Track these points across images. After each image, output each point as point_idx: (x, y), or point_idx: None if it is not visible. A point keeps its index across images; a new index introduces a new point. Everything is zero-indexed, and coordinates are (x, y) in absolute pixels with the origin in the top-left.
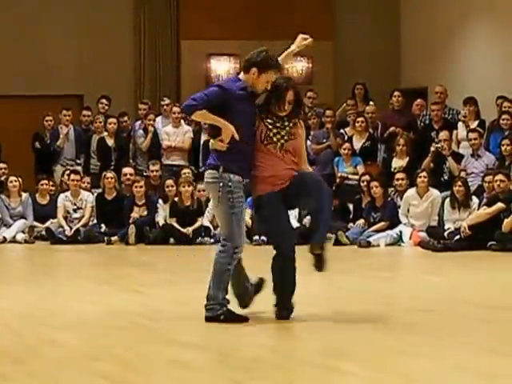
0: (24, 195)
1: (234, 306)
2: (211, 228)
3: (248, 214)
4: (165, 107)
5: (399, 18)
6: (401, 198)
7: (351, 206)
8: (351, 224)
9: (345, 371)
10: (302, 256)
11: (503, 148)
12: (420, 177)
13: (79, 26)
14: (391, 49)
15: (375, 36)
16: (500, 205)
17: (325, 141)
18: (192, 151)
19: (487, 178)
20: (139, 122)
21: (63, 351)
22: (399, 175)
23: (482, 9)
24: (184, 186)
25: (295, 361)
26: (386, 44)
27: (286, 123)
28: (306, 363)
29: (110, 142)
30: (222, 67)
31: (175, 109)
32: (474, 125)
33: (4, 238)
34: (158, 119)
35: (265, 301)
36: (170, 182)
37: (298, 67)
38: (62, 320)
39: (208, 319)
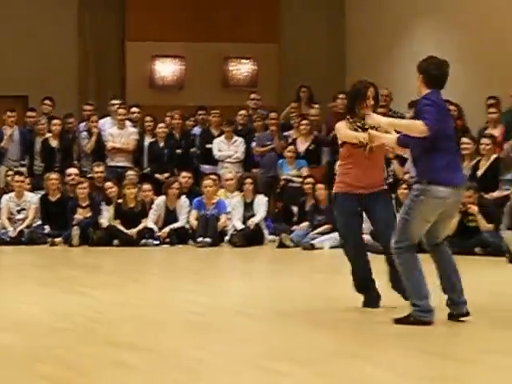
0: None
1: None
2: (155, 229)
3: (193, 215)
4: (112, 108)
5: (344, 21)
6: None
7: (295, 209)
8: (295, 226)
9: (286, 373)
10: (247, 258)
11: None
12: None
13: (23, 27)
14: (336, 52)
15: (320, 39)
16: None
17: (269, 143)
18: (136, 153)
19: None
20: (84, 123)
21: (4, 352)
22: None
23: (427, 11)
24: (128, 188)
25: (237, 363)
26: (331, 47)
27: (368, 127)
28: (249, 365)
29: (54, 143)
30: (167, 69)
31: (120, 110)
32: None
33: None
34: (104, 120)
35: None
36: (109, 184)
37: (242, 69)
38: (4, 321)
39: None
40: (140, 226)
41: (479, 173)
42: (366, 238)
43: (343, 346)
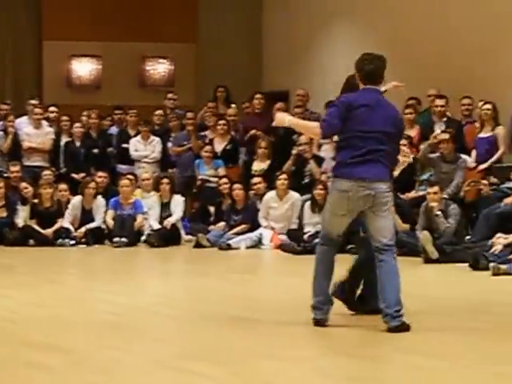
0: None
1: None
2: (71, 229)
3: (110, 215)
4: (29, 108)
5: (261, 21)
6: (261, 201)
7: (212, 209)
8: (212, 226)
9: (201, 373)
10: (164, 258)
11: None
12: (280, 179)
13: None
14: (253, 52)
15: (238, 39)
16: None
17: (186, 143)
18: (52, 152)
19: None
20: (0, 122)
21: None
22: (256, 179)
23: (342, 12)
24: (45, 188)
25: (153, 363)
26: (249, 47)
27: None
28: (164, 365)
29: None
30: (84, 68)
31: (36, 110)
32: None
33: None
34: (20, 120)
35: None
36: (23, 184)
37: (159, 69)
38: None
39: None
40: (56, 226)
41: (395, 173)
42: (282, 237)
43: (259, 347)
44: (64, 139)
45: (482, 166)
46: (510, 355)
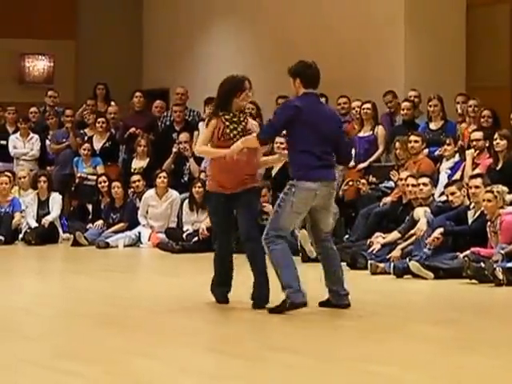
0: None
1: None
2: None
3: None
4: None
5: (142, 19)
6: (140, 199)
7: (90, 207)
8: (90, 225)
9: (73, 372)
10: (41, 256)
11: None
12: (160, 177)
13: None
14: (134, 50)
15: (118, 37)
16: None
17: (64, 140)
18: None
19: None
20: None
21: None
22: (135, 177)
23: (223, 11)
24: None
25: (24, 362)
26: (129, 45)
27: (242, 118)
28: (35, 365)
29: None
30: None
31: None
32: None
33: None
34: None
35: None
36: None
37: (39, 66)
38: None
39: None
40: None
41: (273, 172)
42: (161, 236)
43: (132, 345)
44: None
45: (362, 166)
46: (382, 355)
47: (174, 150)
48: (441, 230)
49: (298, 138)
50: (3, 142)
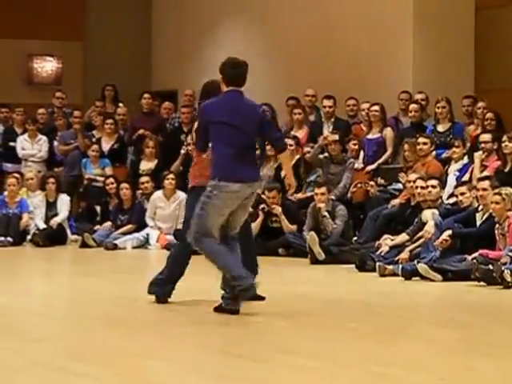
0: None
1: None
2: None
3: None
4: None
5: (151, 20)
6: (148, 201)
7: (98, 208)
8: (98, 226)
9: (83, 373)
10: (49, 258)
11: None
12: (167, 179)
13: None
14: (142, 51)
15: (126, 38)
16: None
17: (72, 142)
18: None
19: None
20: None
21: None
22: (143, 179)
23: (231, 12)
24: None
25: (34, 363)
26: (138, 46)
27: None
28: (45, 366)
29: None
30: None
31: None
32: None
33: None
34: None
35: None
36: None
37: (47, 67)
38: None
39: None
40: None
41: (283, 173)
42: (169, 237)
43: (141, 347)
44: None
45: (370, 167)
46: (389, 356)
47: (182, 151)
48: (449, 232)
49: (213, 138)
50: (12, 144)
